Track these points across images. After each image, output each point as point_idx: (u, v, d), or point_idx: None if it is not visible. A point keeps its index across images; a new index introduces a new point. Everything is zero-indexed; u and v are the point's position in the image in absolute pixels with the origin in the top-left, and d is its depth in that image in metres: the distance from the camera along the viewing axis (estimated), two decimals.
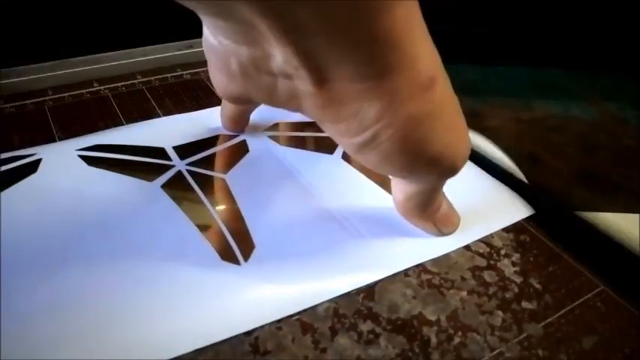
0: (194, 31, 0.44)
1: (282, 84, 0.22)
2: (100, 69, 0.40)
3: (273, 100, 0.23)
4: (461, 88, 0.48)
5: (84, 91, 0.38)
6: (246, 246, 0.25)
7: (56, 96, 0.38)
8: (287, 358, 0.21)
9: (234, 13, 0.19)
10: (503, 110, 0.42)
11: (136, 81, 0.41)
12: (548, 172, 0.35)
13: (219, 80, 0.25)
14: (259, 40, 0.20)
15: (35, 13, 0.40)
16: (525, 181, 0.32)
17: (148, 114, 0.36)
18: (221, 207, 0.28)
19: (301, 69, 0.20)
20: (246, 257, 0.25)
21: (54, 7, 0.40)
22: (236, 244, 0.25)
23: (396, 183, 0.26)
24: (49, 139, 0.33)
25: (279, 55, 0.20)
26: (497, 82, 0.46)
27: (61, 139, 0.33)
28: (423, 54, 0.20)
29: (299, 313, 0.23)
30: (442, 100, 0.21)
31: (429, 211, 0.26)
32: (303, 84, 0.21)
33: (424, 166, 0.22)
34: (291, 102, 0.23)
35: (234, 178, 0.30)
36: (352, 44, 0.18)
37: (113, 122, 0.35)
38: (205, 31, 0.24)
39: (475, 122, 0.39)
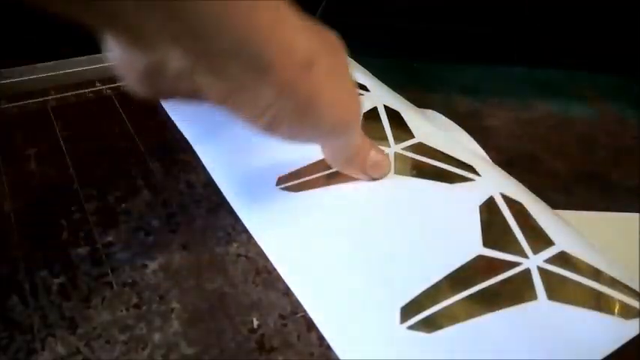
0: None
1: (185, 82, 0.23)
2: (103, 68, 0.40)
3: (179, 96, 0.25)
4: (461, 88, 0.49)
5: (86, 90, 0.38)
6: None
7: (59, 96, 0.38)
8: (293, 354, 0.21)
9: (122, 21, 0.20)
10: (503, 110, 0.42)
11: None
12: (549, 172, 0.35)
13: (132, 85, 0.26)
14: (153, 46, 0.21)
15: (37, 12, 0.40)
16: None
17: (150, 112, 0.36)
18: None
19: (198, 66, 0.21)
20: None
21: None
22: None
23: (323, 145, 0.29)
24: (52, 138, 0.33)
25: (174, 57, 0.21)
26: (497, 82, 0.46)
27: (64, 138, 0.33)
28: (299, 42, 0.22)
29: (304, 310, 0.23)
30: (320, 81, 0.24)
31: (357, 161, 0.30)
32: (201, 78, 0.22)
33: (326, 133, 0.26)
34: (195, 96, 0.24)
35: None
36: (231, 44, 0.20)
37: (116, 122, 0.35)
38: (110, 43, 0.24)
39: (475, 122, 0.39)
